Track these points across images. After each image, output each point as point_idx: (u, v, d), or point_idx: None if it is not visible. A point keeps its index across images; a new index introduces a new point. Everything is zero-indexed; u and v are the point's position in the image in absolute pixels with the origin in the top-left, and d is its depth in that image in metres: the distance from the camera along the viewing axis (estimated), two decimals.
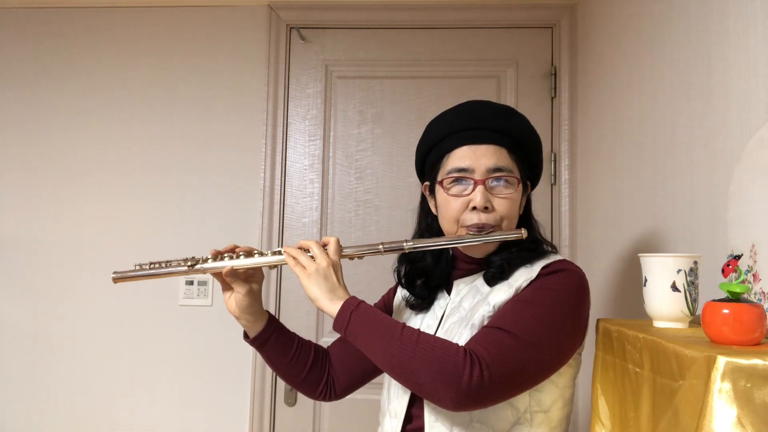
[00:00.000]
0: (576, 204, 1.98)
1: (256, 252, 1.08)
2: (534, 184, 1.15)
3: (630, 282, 1.44)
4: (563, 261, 1.03)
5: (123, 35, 2.16)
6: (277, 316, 2.02)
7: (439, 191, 1.07)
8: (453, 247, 1.13)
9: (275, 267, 1.10)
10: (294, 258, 1.02)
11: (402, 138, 2.08)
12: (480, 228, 1.02)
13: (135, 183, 2.11)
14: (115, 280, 1.10)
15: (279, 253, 1.06)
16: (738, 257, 0.90)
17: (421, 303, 1.14)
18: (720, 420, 0.60)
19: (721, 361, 0.61)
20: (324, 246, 1.03)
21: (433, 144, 1.10)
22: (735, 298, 0.73)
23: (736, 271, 0.90)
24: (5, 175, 2.14)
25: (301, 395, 1.87)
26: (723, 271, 0.92)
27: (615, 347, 0.96)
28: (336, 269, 1.00)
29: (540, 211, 2.01)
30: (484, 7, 2.07)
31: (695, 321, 0.95)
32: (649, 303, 0.96)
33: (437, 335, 1.00)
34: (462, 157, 1.04)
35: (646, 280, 0.97)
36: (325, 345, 1.27)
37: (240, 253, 1.08)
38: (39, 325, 2.09)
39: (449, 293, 1.12)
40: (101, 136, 2.13)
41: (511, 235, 1.02)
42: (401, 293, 1.21)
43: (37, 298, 2.09)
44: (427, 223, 1.16)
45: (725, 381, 0.60)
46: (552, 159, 2.03)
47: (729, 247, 0.93)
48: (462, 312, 1.05)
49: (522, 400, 0.97)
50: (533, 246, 1.07)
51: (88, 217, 2.11)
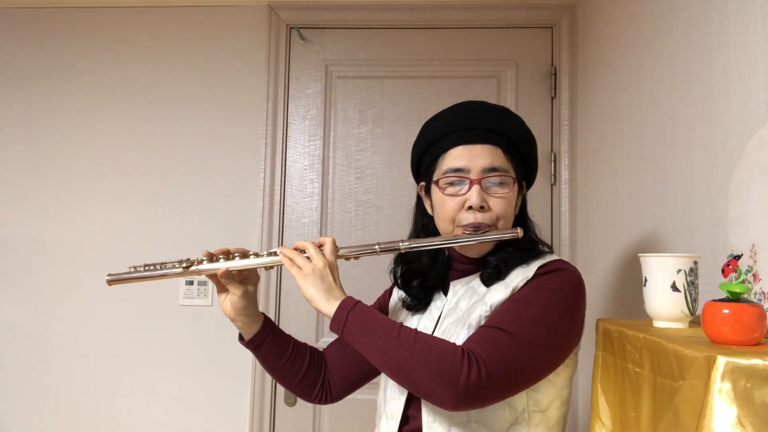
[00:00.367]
0: (576, 204, 1.98)
1: (251, 253, 1.07)
2: (529, 184, 1.15)
3: (630, 282, 1.44)
4: (559, 261, 1.03)
5: (123, 35, 2.16)
6: (277, 317, 2.03)
7: (435, 191, 1.08)
8: (449, 248, 1.13)
9: (271, 268, 1.09)
10: (290, 259, 1.02)
11: (402, 138, 2.08)
12: (476, 227, 1.02)
13: (135, 183, 2.11)
14: (110, 282, 1.09)
15: (275, 254, 1.05)
16: (738, 257, 0.90)
17: (418, 304, 1.14)
18: (720, 420, 0.60)
19: (721, 361, 0.61)
20: (320, 246, 1.03)
21: (429, 144, 1.10)
22: (735, 298, 0.73)
23: (736, 271, 0.90)
24: (5, 175, 2.14)
25: None
26: (723, 271, 0.92)
27: (615, 347, 0.96)
28: (332, 270, 1.00)
29: (540, 211, 2.03)
30: (484, 7, 2.07)
31: (695, 321, 0.95)
32: (649, 303, 0.96)
33: (434, 336, 1.00)
34: (458, 157, 1.04)
35: (646, 280, 0.97)
36: (326, 345, 1.26)
37: (235, 255, 1.07)
38: (39, 325, 2.09)
39: (446, 294, 1.12)
40: (101, 136, 2.13)
41: (507, 235, 1.02)
42: (397, 294, 1.21)
43: (37, 298, 2.09)
44: (423, 224, 1.16)
45: (725, 381, 0.60)
46: (552, 159, 2.03)
47: (729, 247, 0.93)
48: (459, 312, 1.05)
49: (520, 399, 0.97)
50: (529, 246, 1.07)
51: (88, 217, 2.11)
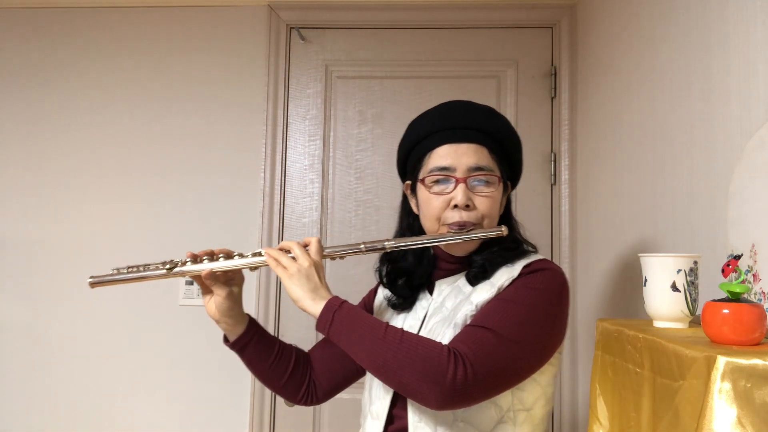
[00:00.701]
0: (576, 204, 1.98)
1: (236, 254, 1.07)
2: (514, 184, 1.16)
3: (630, 282, 1.44)
4: (544, 260, 1.04)
5: (123, 35, 2.16)
6: (277, 316, 2.02)
7: (421, 190, 1.08)
8: (435, 247, 1.13)
9: (256, 269, 1.07)
10: (275, 259, 1.01)
11: None
12: (461, 226, 1.03)
13: (135, 183, 2.11)
14: (92, 284, 1.07)
15: (260, 255, 1.04)
16: (738, 257, 0.90)
17: (403, 303, 1.14)
18: (720, 420, 0.60)
19: (721, 361, 0.61)
20: (305, 246, 1.03)
21: (415, 143, 1.11)
22: (735, 298, 0.73)
23: (736, 271, 0.90)
24: (5, 175, 2.14)
25: None
26: (723, 271, 0.92)
27: (615, 347, 0.96)
28: (318, 269, 1.00)
29: (540, 211, 2.03)
30: (484, 7, 2.07)
31: (695, 321, 0.95)
32: (649, 303, 0.96)
33: (420, 335, 1.00)
34: (443, 156, 1.05)
35: (646, 280, 0.97)
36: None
37: (219, 255, 1.06)
38: (39, 325, 2.09)
39: (431, 293, 1.13)
40: (101, 136, 2.13)
41: (492, 233, 1.03)
42: (382, 293, 1.21)
43: (37, 298, 2.09)
44: (409, 222, 1.16)
45: (725, 381, 0.60)
46: (552, 159, 2.03)
47: (729, 247, 0.94)
48: (445, 312, 1.05)
49: (505, 398, 0.97)
50: (514, 245, 1.08)
51: (88, 217, 2.10)
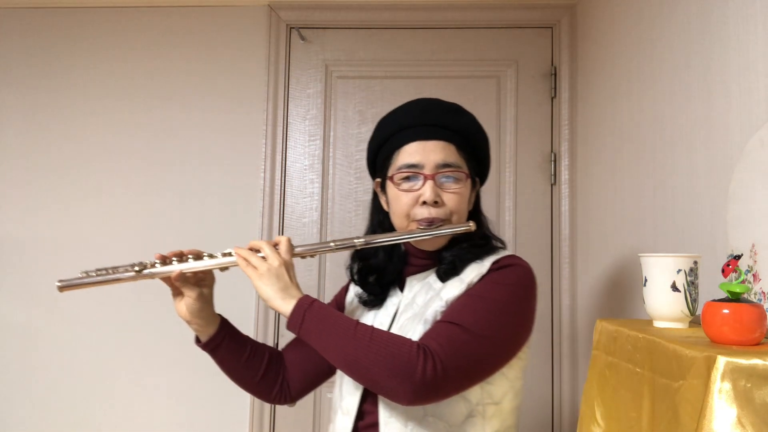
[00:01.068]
0: (576, 204, 1.98)
1: (205, 254, 1.06)
2: (482, 180, 1.17)
3: (630, 282, 1.44)
4: (512, 256, 1.05)
5: (122, 35, 2.16)
6: (278, 318, 2.02)
7: (390, 187, 1.09)
8: (405, 243, 1.14)
9: (226, 269, 1.07)
10: (245, 259, 1.01)
11: None
12: (430, 222, 1.04)
13: (135, 183, 2.11)
14: (61, 288, 1.05)
15: (230, 255, 1.04)
16: (738, 257, 0.90)
17: (374, 299, 1.15)
18: (720, 420, 0.60)
19: (721, 361, 0.61)
20: (275, 245, 1.03)
21: (384, 140, 1.12)
22: (735, 298, 0.73)
23: (736, 271, 0.90)
24: (5, 175, 2.14)
25: None
26: (723, 271, 0.92)
27: (615, 347, 0.96)
28: (288, 268, 1.00)
29: (540, 211, 2.03)
30: (484, 7, 2.07)
31: (695, 321, 0.95)
32: (649, 303, 0.96)
33: (391, 332, 1.01)
34: (412, 153, 1.06)
35: (646, 280, 0.97)
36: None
37: (188, 256, 1.06)
38: (39, 325, 2.08)
39: (402, 290, 1.13)
40: (101, 137, 2.13)
41: (461, 228, 1.04)
42: (354, 290, 1.22)
43: (37, 298, 2.09)
44: (379, 220, 1.17)
45: (725, 381, 0.60)
46: (552, 159, 2.03)
47: (729, 247, 0.94)
48: (415, 308, 1.06)
49: (474, 393, 0.99)
50: (483, 242, 1.09)
51: (88, 217, 2.10)
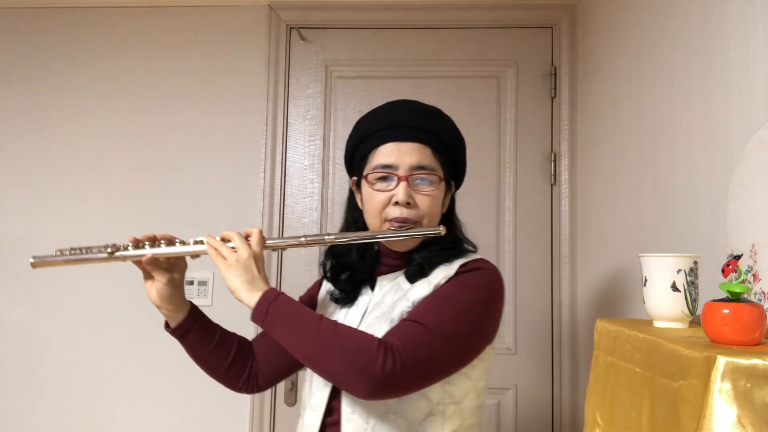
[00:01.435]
0: (576, 204, 1.98)
1: (177, 241, 1.07)
2: (458, 184, 1.18)
3: (630, 282, 1.44)
4: (481, 260, 1.06)
5: (122, 35, 2.15)
6: None
7: (365, 186, 1.10)
8: (378, 243, 1.15)
9: (197, 256, 1.08)
10: (215, 248, 1.02)
11: None
12: (402, 222, 1.05)
13: (135, 183, 2.11)
14: (34, 264, 1.07)
15: (201, 243, 1.05)
16: (738, 257, 0.90)
17: (345, 297, 1.16)
18: (720, 420, 0.60)
19: (721, 361, 0.61)
20: (247, 237, 1.04)
21: (361, 140, 1.13)
22: (735, 298, 0.73)
23: (736, 271, 0.90)
24: (5, 175, 2.14)
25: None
26: (723, 271, 0.92)
27: (615, 347, 0.96)
28: (257, 261, 1.01)
29: (540, 211, 2.03)
30: (484, 7, 2.07)
31: (695, 321, 0.95)
32: (649, 303, 0.96)
33: (354, 327, 1.01)
34: (387, 154, 1.07)
35: (646, 280, 0.97)
36: None
37: (161, 242, 1.07)
38: (39, 325, 2.08)
39: (372, 289, 1.14)
40: (101, 136, 2.13)
41: (430, 232, 1.05)
42: (326, 287, 1.23)
43: (37, 298, 2.09)
44: (354, 218, 1.18)
45: (725, 381, 0.60)
46: (552, 159, 2.03)
47: (729, 247, 0.94)
48: (383, 307, 1.07)
49: (435, 392, 0.99)
50: (453, 245, 1.10)
51: (87, 216, 2.10)
